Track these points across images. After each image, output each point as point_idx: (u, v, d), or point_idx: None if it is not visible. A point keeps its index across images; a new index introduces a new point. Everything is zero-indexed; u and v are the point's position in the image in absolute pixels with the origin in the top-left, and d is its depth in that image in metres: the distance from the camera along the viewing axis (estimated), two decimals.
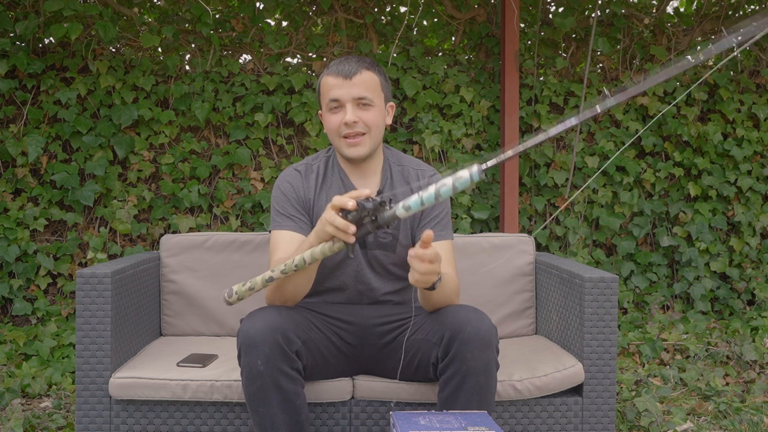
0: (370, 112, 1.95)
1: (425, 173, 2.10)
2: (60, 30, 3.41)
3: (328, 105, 1.96)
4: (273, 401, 1.77)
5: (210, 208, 3.73)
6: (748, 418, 2.68)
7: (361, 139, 1.96)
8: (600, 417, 2.14)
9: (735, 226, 4.09)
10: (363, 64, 1.95)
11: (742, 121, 4.05)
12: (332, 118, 1.96)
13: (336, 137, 1.98)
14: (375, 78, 1.97)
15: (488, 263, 2.58)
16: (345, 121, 1.93)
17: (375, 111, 1.96)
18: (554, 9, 4.13)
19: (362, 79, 1.94)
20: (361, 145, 1.96)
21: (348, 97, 1.93)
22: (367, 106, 1.95)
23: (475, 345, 1.77)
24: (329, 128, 1.98)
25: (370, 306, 2.05)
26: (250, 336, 1.76)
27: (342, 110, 1.95)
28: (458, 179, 1.53)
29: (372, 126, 1.96)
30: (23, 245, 3.51)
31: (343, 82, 1.93)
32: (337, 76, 1.94)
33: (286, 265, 1.70)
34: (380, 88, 1.98)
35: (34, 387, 2.87)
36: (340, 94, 1.93)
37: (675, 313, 3.90)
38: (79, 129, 3.54)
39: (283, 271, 1.70)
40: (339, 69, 1.94)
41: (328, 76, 1.96)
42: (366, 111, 1.95)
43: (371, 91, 1.95)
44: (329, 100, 1.95)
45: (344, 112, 1.94)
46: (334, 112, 1.96)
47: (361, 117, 1.94)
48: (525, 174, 3.88)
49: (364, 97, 1.94)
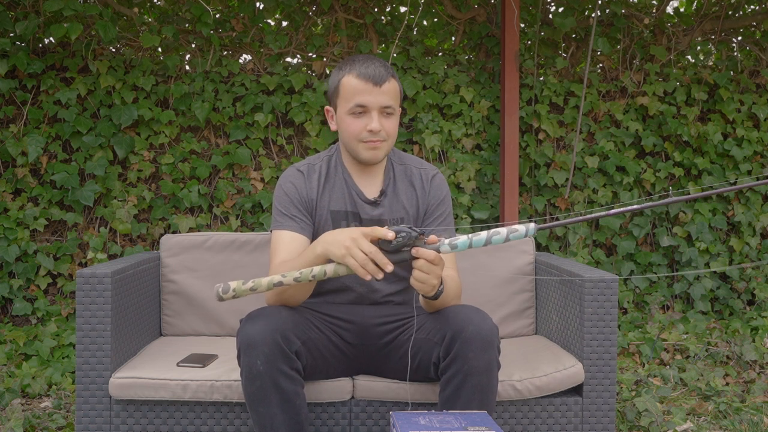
0: (392, 120, 1.96)
1: (428, 172, 2.10)
2: (60, 30, 3.41)
3: (351, 109, 1.92)
4: (273, 401, 1.77)
5: (210, 208, 3.73)
6: (748, 418, 2.68)
7: (380, 144, 1.95)
8: (600, 417, 2.14)
9: (735, 226, 4.09)
10: (389, 71, 1.94)
11: (742, 121, 4.05)
12: (355, 123, 1.93)
13: (354, 140, 1.95)
14: (397, 86, 1.97)
15: (488, 263, 2.58)
16: (370, 128, 1.91)
17: (395, 119, 1.97)
18: (554, 9, 4.13)
19: (390, 87, 1.93)
20: (380, 149, 1.96)
21: (376, 105, 1.91)
22: (389, 115, 1.95)
23: (476, 345, 1.77)
24: (349, 131, 1.95)
25: (371, 306, 2.05)
26: (249, 336, 1.76)
27: (366, 116, 1.92)
28: (513, 232, 1.59)
29: (391, 134, 1.96)
30: (23, 245, 3.51)
31: (373, 88, 1.90)
32: (366, 82, 1.90)
33: (302, 274, 1.69)
34: (399, 96, 1.99)
35: (34, 387, 2.87)
36: (369, 101, 1.90)
37: (675, 313, 3.90)
38: (79, 129, 3.54)
39: (296, 278, 1.69)
40: (367, 73, 1.90)
41: (354, 78, 1.91)
42: (389, 119, 1.95)
43: (395, 99, 1.95)
44: (355, 105, 1.91)
45: (369, 119, 1.91)
46: (358, 116, 1.93)
47: (383, 125, 1.93)
48: (525, 174, 3.88)
49: (390, 106, 1.93)
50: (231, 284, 1.71)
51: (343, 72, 1.94)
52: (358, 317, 2.02)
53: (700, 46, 4.17)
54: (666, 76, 4.07)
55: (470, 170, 3.80)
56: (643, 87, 4.02)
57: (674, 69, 4.06)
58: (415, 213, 2.06)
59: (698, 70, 4.10)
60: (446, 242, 1.63)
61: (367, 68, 1.91)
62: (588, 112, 4.00)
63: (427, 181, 2.08)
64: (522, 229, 1.57)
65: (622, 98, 4.07)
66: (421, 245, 1.66)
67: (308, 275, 1.68)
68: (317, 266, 1.70)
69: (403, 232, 1.63)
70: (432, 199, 2.07)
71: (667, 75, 4.06)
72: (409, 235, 1.63)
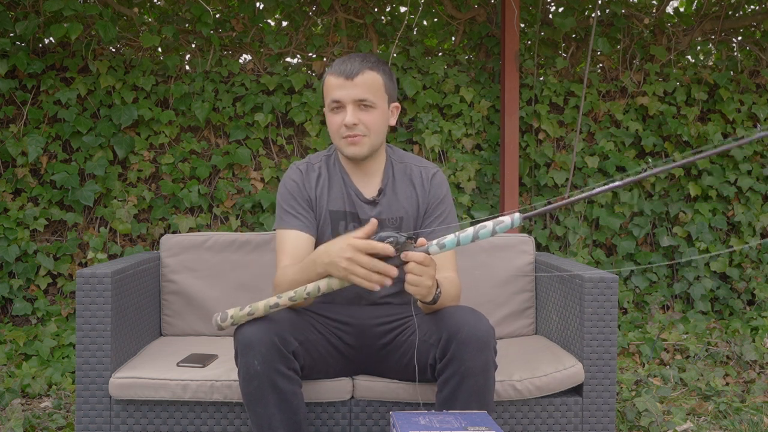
0: (371, 113, 1.93)
1: (428, 170, 2.08)
2: (60, 30, 3.41)
3: (329, 105, 1.94)
4: (270, 401, 1.77)
5: (210, 208, 3.73)
6: (748, 418, 2.68)
7: (360, 139, 1.93)
8: (600, 417, 2.14)
9: (735, 226, 4.09)
10: (366, 63, 1.91)
11: (742, 121, 4.05)
12: (333, 119, 1.95)
13: (336, 137, 1.96)
14: (378, 78, 1.93)
15: (489, 263, 2.58)
16: (345, 122, 1.91)
17: (376, 113, 1.93)
18: (554, 9, 4.13)
19: (364, 79, 1.90)
20: (360, 145, 1.94)
21: (348, 98, 1.90)
22: (368, 108, 1.92)
23: (472, 346, 1.76)
24: (330, 128, 1.97)
25: (369, 307, 2.05)
26: (246, 337, 1.76)
27: (343, 111, 1.92)
28: (498, 224, 1.57)
29: (372, 128, 1.94)
30: (23, 245, 3.51)
31: (345, 82, 1.90)
32: (339, 76, 1.91)
33: (297, 293, 1.73)
34: (383, 89, 1.94)
35: (34, 387, 2.87)
36: (341, 95, 1.91)
37: (675, 313, 3.90)
38: (79, 129, 3.54)
39: (291, 298, 1.74)
40: (341, 68, 1.91)
41: (330, 75, 1.93)
42: (366, 113, 1.92)
43: (373, 92, 1.92)
44: (330, 101, 1.93)
45: (345, 113, 1.92)
46: (336, 112, 1.94)
47: (361, 119, 1.91)
48: (525, 174, 3.88)
49: (365, 99, 1.91)
50: (229, 312, 1.77)
51: (326, 72, 1.97)
52: (356, 319, 2.02)
53: (700, 46, 4.17)
54: (666, 76, 4.07)
55: (470, 170, 3.80)
56: (643, 87, 4.02)
57: (674, 69, 4.06)
58: (414, 212, 2.05)
59: (698, 70, 4.10)
60: (434, 243, 1.64)
61: (343, 64, 1.92)
62: (588, 112, 4.00)
63: (427, 180, 2.06)
64: (507, 220, 1.56)
65: (622, 98, 4.07)
66: (410, 249, 1.65)
67: (303, 294, 1.73)
68: (311, 284, 1.74)
69: (390, 238, 1.64)
70: (432, 198, 2.06)
71: (667, 75, 4.06)
72: (396, 241, 1.64)
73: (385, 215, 2.03)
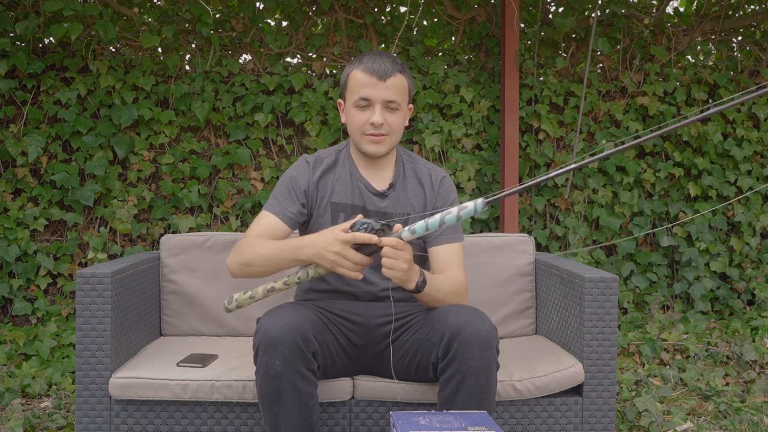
0: (396, 115, 1.98)
1: (437, 173, 2.12)
2: (60, 30, 3.41)
3: (356, 102, 1.96)
4: (288, 402, 1.77)
5: (210, 208, 3.73)
6: (748, 418, 2.68)
7: (384, 139, 1.98)
8: (600, 417, 2.14)
9: (735, 226, 4.09)
10: (396, 66, 1.96)
11: (742, 121, 4.05)
12: (359, 115, 1.97)
13: (357, 133, 1.99)
14: (405, 82, 1.99)
15: (489, 263, 2.58)
16: (372, 121, 1.95)
17: (400, 114, 1.99)
18: (554, 9, 4.13)
19: (395, 82, 1.95)
20: (383, 144, 1.99)
21: (379, 98, 1.94)
22: (394, 110, 1.97)
23: (475, 345, 1.77)
24: (353, 123, 1.99)
25: (374, 303, 2.05)
26: (269, 335, 1.75)
27: (370, 109, 1.95)
28: (463, 209, 1.69)
29: (395, 128, 1.99)
30: (23, 245, 3.51)
31: (377, 82, 1.93)
32: (371, 75, 1.94)
33: (289, 278, 1.86)
34: (407, 92, 2.01)
35: (34, 387, 2.87)
36: (372, 94, 1.94)
37: (675, 313, 3.90)
38: (79, 129, 3.54)
39: (285, 282, 1.86)
40: (373, 67, 1.94)
41: (361, 71, 1.95)
42: (392, 114, 1.97)
43: (400, 95, 1.97)
44: (359, 98, 1.95)
45: (372, 112, 1.95)
46: (362, 109, 1.96)
47: (387, 119, 1.96)
48: (525, 174, 3.88)
49: (394, 101, 1.95)
50: (234, 296, 1.88)
51: (353, 66, 1.99)
52: (363, 317, 2.02)
53: (700, 46, 4.17)
54: (666, 76, 4.07)
55: (470, 170, 3.80)
56: (643, 87, 4.02)
57: (674, 69, 4.06)
58: (421, 210, 2.07)
59: (698, 70, 4.10)
60: (406, 229, 1.74)
61: (374, 62, 1.95)
62: (588, 112, 4.00)
63: (436, 182, 2.10)
64: (471, 206, 1.68)
65: (622, 98, 4.07)
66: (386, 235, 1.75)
67: (294, 279, 1.87)
68: (301, 270, 1.86)
69: (365, 224, 1.75)
70: (440, 201, 2.09)
71: (667, 75, 4.06)
72: (372, 227, 1.74)
73: (391, 209, 2.05)
